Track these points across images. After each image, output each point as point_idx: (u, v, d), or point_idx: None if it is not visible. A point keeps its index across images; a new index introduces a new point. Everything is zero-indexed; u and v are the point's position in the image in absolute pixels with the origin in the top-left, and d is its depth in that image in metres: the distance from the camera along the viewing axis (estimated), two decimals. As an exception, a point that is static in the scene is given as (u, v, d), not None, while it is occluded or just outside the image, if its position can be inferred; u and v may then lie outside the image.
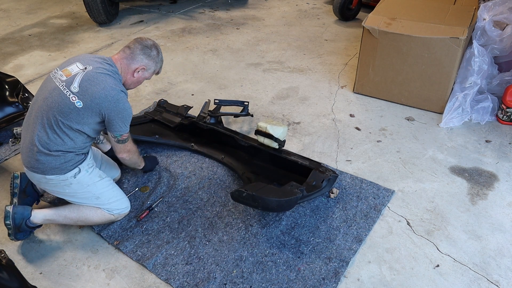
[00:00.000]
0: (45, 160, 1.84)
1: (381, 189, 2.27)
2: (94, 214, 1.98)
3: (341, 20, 4.64)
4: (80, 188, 1.93)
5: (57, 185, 1.91)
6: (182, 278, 1.81)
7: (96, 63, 1.89)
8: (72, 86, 1.82)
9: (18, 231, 1.93)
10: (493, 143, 2.62)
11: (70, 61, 1.93)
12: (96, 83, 1.83)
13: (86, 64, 1.88)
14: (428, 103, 2.94)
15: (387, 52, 2.90)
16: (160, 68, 2.10)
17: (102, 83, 1.84)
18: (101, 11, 4.42)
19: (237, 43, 4.16)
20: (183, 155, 2.57)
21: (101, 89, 1.82)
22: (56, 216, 1.97)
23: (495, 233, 2.01)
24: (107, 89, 1.83)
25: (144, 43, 1.99)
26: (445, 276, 1.81)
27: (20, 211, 1.91)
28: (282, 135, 2.32)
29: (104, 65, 1.89)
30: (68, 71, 1.87)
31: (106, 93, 1.83)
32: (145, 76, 2.04)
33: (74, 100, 1.81)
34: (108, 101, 1.83)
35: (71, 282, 1.83)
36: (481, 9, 2.74)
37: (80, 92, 1.82)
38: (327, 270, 1.83)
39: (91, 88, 1.82)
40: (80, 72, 1.85)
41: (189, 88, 3.36)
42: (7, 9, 5.36)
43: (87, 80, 1.83)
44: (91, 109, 1.83)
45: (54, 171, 1.87)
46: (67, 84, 1.83)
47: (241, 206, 2.17)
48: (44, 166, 1.85)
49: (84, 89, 1.82)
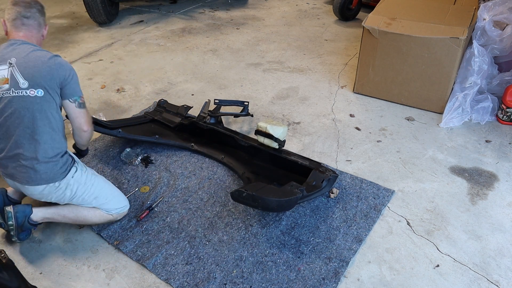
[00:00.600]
0: (47, 168, 1.82)
1: (381, 189, 2.27)
2: (93, 214, 1.98)
3: (341, 20, 4.64)
4: (78, 188, 1.92)
5: (58, 190, 1.89)
6: (182, 278, 1.81)
7: (13, 51, 1.81)
8: (20, 83, 1.76)
9: (21, 230, 1.93)
10: (493, 143, 2.63)
11: None
12: (33, 64, 1.78)
13: (7, 60, 1.79)
14: (428, 103, 2.94)
15: (387, 52, 2.90)
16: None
17: (38, 58, 1.79)
18: (101, 11, 4.42)
19: (237, 43, 4.16)
20: (183, 155, 2.57)
21: (42, 65, 1.78)
22: (56, 215, 1.97)
23: (495, 233, 2.01)
24: (46, 61, 1.80)
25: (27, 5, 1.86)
26: (445, 276, 1.81)
27: (21, 209, 1.90)
28: (282, 135, 2.32)
29: (21, 50, 1.81)
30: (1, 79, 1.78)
31: (49, 64, 1.79)
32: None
33: (33, 93, 1.77)
34: (56, 70, 1.80)
35: (71, 282, 1.83)
36: (481, 9, 2.74)
37: (30, 83, 1.77)
38: (327, 270, 1.83)
39: (35, 71, 1.78)
40: (13, 69, 1.77)
41: (189, 88, 3.36)
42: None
43: (26, 69, 1.77)
44: (51, 88, 1.80)
45: (58, 176, 1.85)
46: (15, 86, 1.76)
47: (241, 206, 2.17)
48: (47, 175, 1.83)
49: (30, 78, 1.77)
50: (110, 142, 2.70)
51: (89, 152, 2.59)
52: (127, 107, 3.10)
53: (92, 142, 2.69)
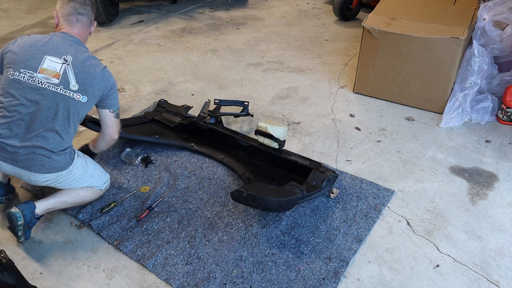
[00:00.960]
0: (60, 159, 1.91)
1: (381, 189, 2.27)
2: (90, 193, 2.08)
3: (341, 20, 4.64)
4: (78, 171, 2.01)
5: (63, 177, 1.96)
6: (182, 278, 1.81)
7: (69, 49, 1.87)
8: (71, 85, 1.85)
9: (28, 228, 1.94)
10: (493, 143, 2.63)
11: (35, 57, 1.84)
12: (88, 72, 1.87)
13: (62, 55, 1.85)
14: (428, 103, 2.94)
15: (387, 52, 2.90)
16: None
17: (93, 68, 1.89)
18: (101, 11, 4.42)
19: (237, 43, 4.16)
20: (183, 155, 2.57)
21: (95, 75, 1.88)
22: (57, 203, 2.01)
23: (495, 233, 2.01)
24: (99, 73, 1.90)
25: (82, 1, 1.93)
26: (445, 276, 1.81)
27: (26, 207, 1.92)
28: (282, 135, 2.32)
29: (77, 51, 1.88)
30: (51, 71, 1.83)
31: (100, 76, 1.90)
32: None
33: (79, 97, 1.87)
34: (104, 82, 1.91)
35: (71, 282, 1.83)
36: (481, 9, 2.74)
37: (80, 88, 1.87)
38: (327, 270, 1.83)
39: (88, 79, 1.87)
40: (67, 67, 1.85)
41: (189, 88, 3.36)
42: (7, 9, 5.36)
43: (80, 73, 1.86)
44: (94, 97, 1.91)
45: (67, 165, 1.95)
46: (65, 85, 1.85)
47: (241, 206, 2.17)
48: (60, 164, 1.92)
49: (82, 84, 1.87)
50: (110, 142, 2.70)
51: None
52: (127, 107, 3.10)
53: (92, 142, 2.69)
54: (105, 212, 2.14)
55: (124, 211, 2.16)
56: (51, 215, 2.16)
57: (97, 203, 2.20)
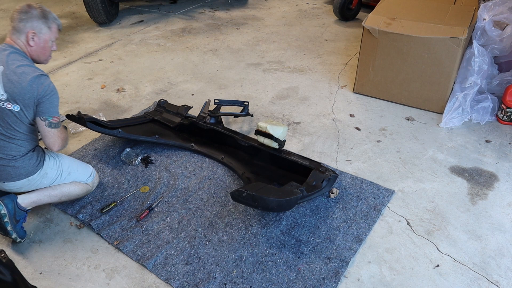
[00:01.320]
0: (24, 164, 1.92)
1: (381, 189, 2.27)
2: (75, 187, 2.11)
3: (341, 20, 4.64)
4: (53, 172, 2.02)
5: (37, 181, 1.99)
6: (182, 278, 1.81)
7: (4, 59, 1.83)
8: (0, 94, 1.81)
9: (15, 221, 1.93)
10: (493, 143, 2.63)
11: None
12: (16, 81, 1.80)
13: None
14: (428, 103, 2.94)
15: (387, 52, 2.90)
16: (55, 21, 1.96)
17: (23, 76, 1.81)
18: (101, 11, 4.42)
19: (237, 43, 4.16)
20: (183, 155, 2.57)
21: (25, 83, 1.80)
22: (41, 196, 2.03)
23: (495, 233, 2.01)
24: (31, 80, 1.81)
25: (19, 10, 1.89)
26: (445, 276, 1.81)
27: (6, 197, 1.92)
28: (282, 135, 2.32)
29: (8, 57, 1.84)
30: None
31: (30, 83, 1.81)
32: (44, 38, 1.93)
33: (10, 106, 1.83)
34: (36, 89, 1.83)
35: (71, 282, 1.83)
36: (481, 9, 2.74)
37: (9, 97, 1.82)
38: (327, 270, 1.83)
39: (16, 88, 1.80)
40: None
41: (189, 88, 3.36)
42: (7, 9, 5.36)
43: (8, 82, 1.81)
44: (27, 106, 1.85)
45: (37, 168, 1.96)
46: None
47: (241, 206, 2.17)
48: (25, 170, 1.93)
49: (10, 92, 1.81)
50: (110, 142, 2.70)
51: (89, 152, 2.59)
52: (127, 107, 3.10)
53: (92, 142, 2.69)
54: (105, 212, 2.14)
55: (124, 211, 2.16)
56: (51, 215, 2.16)
57: (97, 203, 2.20)
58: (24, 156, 1.92)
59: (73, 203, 2.20)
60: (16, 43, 1.89)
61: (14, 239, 1.96)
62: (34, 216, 2.16)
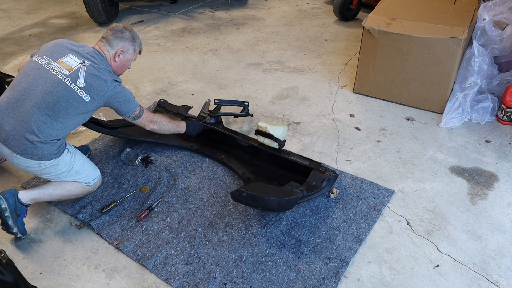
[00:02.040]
0: (45, 148, 1.94)
1: (381, 189, 2.27)
2: (75, 187, 2.11)
3: (341, 20, 4.64)
4: (64, 167, 2.04)
5: (46, 168, 1.99)
6: (182, 278, 1.81)
7: (90, 57, 2.03)
8: (78, 81, 1.96)
9: (16, 215, 1.94)
10: (493, 143, 2.63)
11: (60, 52, 2.02)
12: (98, 77, 1.99)
13: (82, 58, 2.02)
14: (428, 103, 2.94)
15: (387, 52, 2.90)
16: (140, 46, 2.25)
17: (102, 76, 2.00)
18: (101, 11, 4.42)
19: (237, 43, 4.16)
20: (183, 155, 2.57)
21: (102, 82, 2.00)
22: (42, 194, 2.05)
23: (495, 233, 2.01)
24: (107, 81, 2.01)
25: (115, 28, 2.14)
26: (445, 276, 1.81)
27: (7, 191, 1.94)
28: (282, 135, 2.32)
29: (96, 58, 2.05)
30: (67, 65, 1.98)
31: (107, 85, 2.01)
32: (127, 58, 2.18)
33: (82, 94, 1.96)
34: (109, 90, 2.01)
35: (71, 282, 1.83)
36: (481, 9, 2.74)
37: (86, 86, 1.97)
38: (327, 270, 1.83)
39: (95, 82, 1.98)
40: (81, 67, 1.99)
41: (189, 88, 3.36)
42: (7, 9, 5.36)
43: (90, 75, 1.98)
44: (97, 100, 2.01)
45: (51, 157, 1.97)
46: (73, 79, 1.95)
47: (241, 206, 2.17)
48: (43, 153, 1.94)
49: (89, 84, 1.97)
50: (110, 142, 2.70)
51: (90, 151, 2.59)
52: (127, 107, 3.10)
53: (92, 142, 2.69)
54: (105, 212, 2.14)
55: (124, 211, 2.16)
56: (51, 215, 2.16)
57: (97, 203, 2.20)
58: (49, 141, 1.93)
59: (73, 203, 2.20)
60: (104, 53, 2.11)
61: (15, 234, 1.96)
62: (34, 216, 2.16)
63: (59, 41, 2.10)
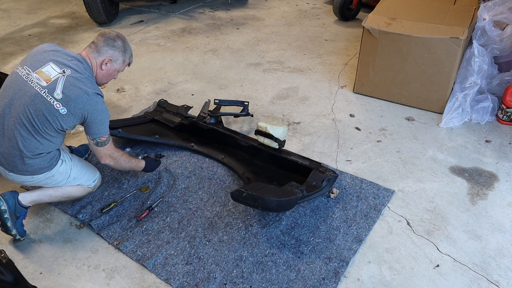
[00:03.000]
0: (34, 163, 1.91)
1: (381, 189, 2.27)
2: (76, 189, 2.10)
3: (341, 20, 4.64)
4: (60, 177, 2.03)
5: (41, 181, 1.99)
6: (182, 278, 1.81)
7: (72, 65, 1.90)
8: (55, 92, 1.84)
9: (16, 217, 1.94)
10: (493, 143, 2.63)
11: (41, 60, 1.90)
12: (77, 88, 1.86)
13: (63, 67, 1.88)
14: (428, 103, 2.94)
15: (387, 52, 2.90)
16: (130, 58, 2.13)
17: (83, 87, 1.87)
18: (101, 11, 4.42)
19: (237, 43, 4.16)
20: (183, 155, 2.57)
21: (82, 93, 1.86)
22: (42, 196, 2.05)
23: (495, 233, 2.01)
24: (88, 93, 1.88)
25: (107, 35, 2.01)
26: (445, 276, 1.81)
27: (7, 193, 1.94)
28: (282, 135, 2.32)
29: (79, 67, 1.92)
30: (46, 75, 1.86)
31: (88, 97, 1.87)
32: (115, 67, 2.05)
33: (59, 107, 1.84)
34: (89, 104, 1.88)
35: (71, 282, 1.83)
36: (481, 9, 2.74)
37: (63, 98, 1.85)
38: (327, 270, 1.83)
39: (73, 93, 1.85)
40: (60, 77, 1.86)
41: (189, 88, 3.36)
42: (7, 9, 5.36)
43: (69, 86, 1.85)
44: (74, 114, 1.88)
45: (43, 170, 1.95)
46: (50, 90, 1.84)
47: (241, 206, 2.17)
48: (33, 168, 1.92)
49: (67, 95, 1.85)
50: (110, 142, 2.69)
51: (90, 151, 2.58)
52: (127, 107, 3.10)
53: (92, 142, 2.69)
54: (105, 212, 2.14)
55: (124, 211, 2.16)
56: (51, 215, 2.16)
57: (97, 203, 2.20)
58: (38, 156, 1.89)
59: (73, 203, 2.20)
60: (90, 60, 1.98)
61: (13, 236, 1.96)
62: (34, 216, 2.16)
63: (44, 46, 1.98)
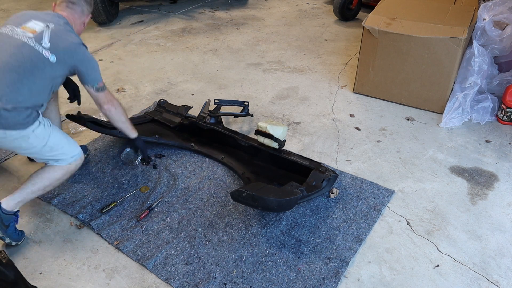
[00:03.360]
0: (9, 116, 1.81)
1: (381, 189, 2.27)
2: (54, 172, 2.00)
3: (341, 20, 4.64)
4: (36, 141, 1.92)
5: (15, 140, 1.88)
6: (182, 278, 1.81)
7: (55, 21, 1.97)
8: (43, 41, 1.88)
9: (5, 226, 1.88)
10: (493, 143, 2.63)
11: (23, 19, 1.96)
12: (64, 38, 1.94)
13: (46, 22, 1.95)
14: (428, 103, 2.94)
15: (387, 52, 2.90)
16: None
17: (69, 38, 1.95)
18: (101, 11, 4.42)
19: (237, 43, 4.16)
20: (183, 155, 2.57)
21: (70, 43, 1.94)
22: (24, 194, 1.95)
23: (495, 233, 2.01)
24: (75, 43, 1.96)
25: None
26: (445, 276, 1.81)
27: None
28: (282, 135, 2.32)
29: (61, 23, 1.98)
30: (31, 28, 1.91)
31: (75, 46, 1.95)
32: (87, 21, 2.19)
33: (48, 55, 1.88)
34: (78, 54, 1.95)
35: (71, 282, 1.83)
36: (481, 9, 2.74)
37: (52, 47, 1.89)
38: (327, 270, 1.83)
39: (61, 43, 1.92)
40: (45, 29, 1.91)
41: (189, 88, 3.36)
42: (7, 9, 5.36)
43: (55, 37, 1.91)
44: (64, 62, 1.93)
45: (17, 126, 1.84)
46: (37, 39, 1.88)
47: (241, 206, 2.17)
48: (7, 122, 1.81)
49: (55, 44, 1.90)
50: (110, 142, 2.70)
51: (89, 152, 2.58)
52: (127, 107, 3.10)
53: (92, 142, 2.69)
54: (105, 212, 2.14)
55: (124, 211, 2.16)
56: (51, 215, 2.16)
57: (97, 203, 2.20)
58: (15, 109, 1.81)
59: (73, 203, 2.20)
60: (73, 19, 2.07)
61: (9, 244, 1.94)
62: (34, 216, 2.16)
63: (22, 11, 2.04)
